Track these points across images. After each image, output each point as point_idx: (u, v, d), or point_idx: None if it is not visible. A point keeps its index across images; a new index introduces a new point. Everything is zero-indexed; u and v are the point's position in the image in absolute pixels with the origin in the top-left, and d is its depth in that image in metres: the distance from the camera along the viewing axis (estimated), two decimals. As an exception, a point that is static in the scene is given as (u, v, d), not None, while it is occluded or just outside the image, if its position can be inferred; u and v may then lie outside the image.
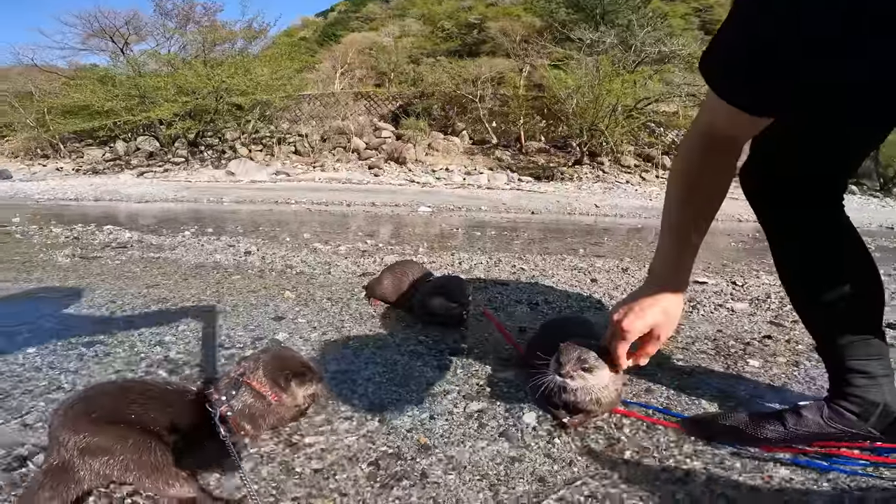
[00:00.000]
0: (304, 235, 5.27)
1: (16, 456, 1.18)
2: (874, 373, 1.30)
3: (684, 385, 1.68)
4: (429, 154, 21.00)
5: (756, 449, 1.30)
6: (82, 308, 2.42)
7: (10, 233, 4.96)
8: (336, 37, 32.12)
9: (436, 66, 22.76)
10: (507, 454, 1.25)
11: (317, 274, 3.25)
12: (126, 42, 21.55)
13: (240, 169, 17.56)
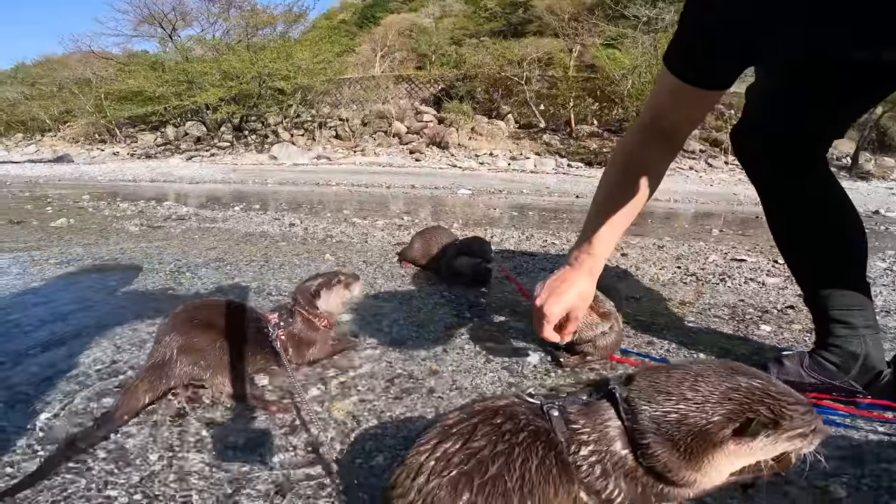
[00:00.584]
0: (344, 212, 5.63)
1: (114, 370, 1.53)
2: (855, 324, 1.41)
3: (687, 342, 1.84)
4: (472, 138, 21.07)
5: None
6: (154, 263, 2.85)
7: (83, 208, 5.63)
8: (375, 19, 32.34)
9: (479, 48, 22.60)
10: (506, 381, 1.48)
11: (354, 242, 3.58)
12: (174, 27, 22.78)
13: (282, 153, 18.30)
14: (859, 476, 1.07)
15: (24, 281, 2.45)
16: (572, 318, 1.31)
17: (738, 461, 0.78)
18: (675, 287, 2.64)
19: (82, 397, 1.33)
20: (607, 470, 0.78)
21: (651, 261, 3.29)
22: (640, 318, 2.08)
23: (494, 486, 0.70)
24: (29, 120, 25.90)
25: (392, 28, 27.23)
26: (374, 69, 24.89)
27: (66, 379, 1.43)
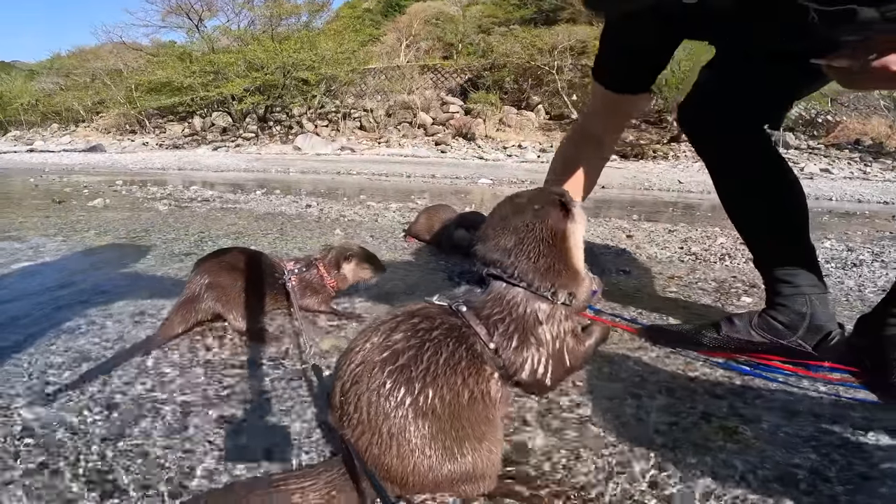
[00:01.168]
0: (360, 196, 5.92)
1: (142, 310, 1.83)
2: (799, 283, 1.51)
3: (663, 307, 2.02)
4: (500, 130, 21.09)
5: (696, 353, 1.56)
6: (180, 234, 3.21)
7: (117, 191, 6.14)
8: (400, 7, 32.22)
9: (507, 36, 22.57)
10: None
11: (365, 221, 3.87)
12: (200, 18, 23.61)
13: (306, 144, 18.77)
14: (778, 425, 1.18)
15: (69, 245, 2.83)
16: None
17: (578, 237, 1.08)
18: (671, 264, 2.82)
19: (120, 329, 1.63)
20: (523, 336, 0.97)
21: (656, 242, 3.46)
22: (623, 289, 2.27)
23: (402, 372, 0.87)
24: (64, 110, 27.16)
25: (417, 16, 27.30)
26: (399, 59, 25.08)
27: (107, 316, 1.73)
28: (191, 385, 1.29)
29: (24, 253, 2.66)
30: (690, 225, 4.44)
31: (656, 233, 3.90)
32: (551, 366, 1.00)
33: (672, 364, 1.51)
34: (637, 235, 3.71)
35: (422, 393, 0.85)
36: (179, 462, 0.98)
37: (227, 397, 1.23)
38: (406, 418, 0.84)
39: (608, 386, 1.35)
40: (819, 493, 0.94)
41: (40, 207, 4.49)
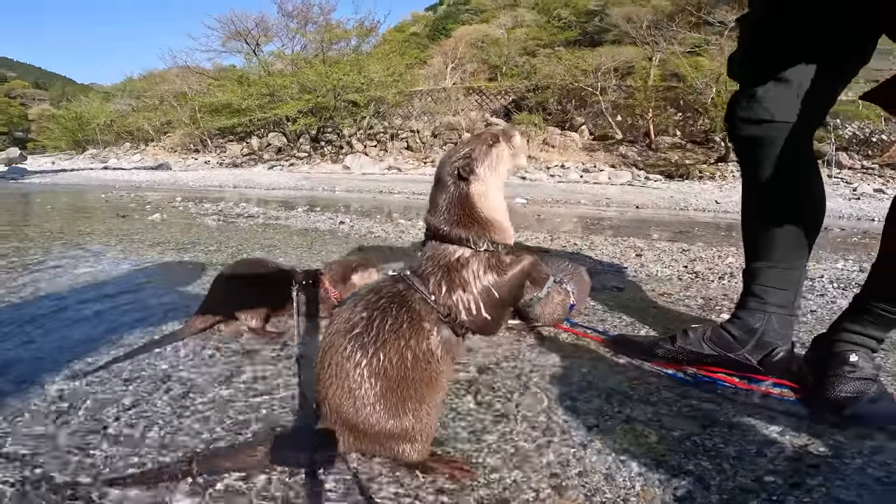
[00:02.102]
0: (394, 215, 6.25)
1: (175, 308, 2.14)
2: (767, 300, 1.55)
3: (640, 321, 2.14)
4: (543, 150, 21.21)
5: (651, 364, 1.66)
6: (220, 247, 3.57)
7: (175, 206, 6.74)
8: (446, 31, 33.29)
9: (551, 58, 22.73)
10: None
11: (391, 238, 4.14)
12: (257, 43, 25.10)
13: (355, 163, 19.46)
14: (690, 433, 1.25)
15: (125, 254, 3.23)
16: None
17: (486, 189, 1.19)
18: (668, 282, 2.93)
19: (153, 322, 1.94)
20: (450, 281, 1.13)
21: (662, 261, 3.56)
22: (610, 304, 2.41)
23: (357, 339, 1.07)
24: (135, 130, 29.27)
25: (463, 40, 27.91)
26: (445, 81, 25.73)
27: (143, 309, 2.05)
28: (204, 366, 1.56)
29: (85, 259, 3.06)
30: (708, 245, 4.47)
31: (668, 252, 3.98)
32: (482, 301, 1.14)
33: (623, 372, 1.62)
34: (647, 254, 3.81)
35: (374, 356, 1.05)
36: (188, 424, 1.24)
37: (230, 377, 1.50)
38: (361, 377, 1.04)
39: (553, 388, 1.50)
40: (692, 500, 1.02)
41: (106, 220, 5.02)
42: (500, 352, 1.75)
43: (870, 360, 1.41)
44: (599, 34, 26.46)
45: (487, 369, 1.61)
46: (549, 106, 22.21)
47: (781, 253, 1.55)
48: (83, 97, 35.99)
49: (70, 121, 33.72)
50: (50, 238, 3.81)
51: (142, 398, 1.36)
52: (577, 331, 1.97)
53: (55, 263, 2.93)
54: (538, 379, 1.55)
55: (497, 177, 1.22)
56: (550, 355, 1.73)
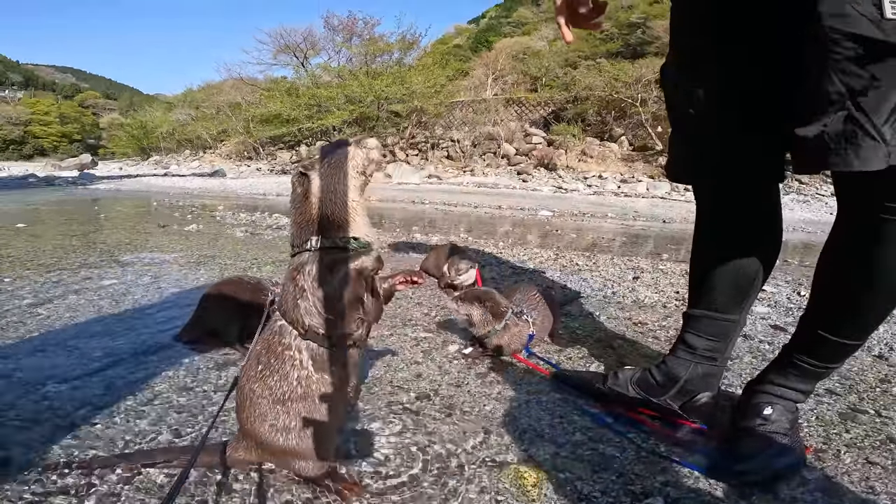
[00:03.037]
0: (413, 228, 6.40)
1: (174, 318, 2.35)
2: (698, 349, 1.53)
3: (599, 353, 2.19)
4: (582, 160, 21.00)
5: (583, 402, 1.69)
6: (237, 261, 3.79)
7: (214, 216, 7.11)
8: (488, 43, 33.47)
9: (592, 69, 22.58)
10: (413, 360, 1.99)
11: (399, 254, 4.27)
12: (305, 56, 26.11)
13: (396, 172, 19.79)
14: (578, 477, 1.28)
15: (151, 264, 3.51)
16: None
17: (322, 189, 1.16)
18: (651, 310, 2.94)
19: (155, 329, 2.14)
20: (292, 290, 1.13)
21: (657, 286, 3.55)
22: (579, 332, 2.45)
23: (249, 361, 1.19)
24: (194, 138, 30.85)
25: (504, 51, 28.03)
26: (486, 92, 25.90)
27: (146, 316, 2.26)
28: (174, 368, 1.73)
29: (112, 270, 3.34)
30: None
31: (669, 274, 3.95)
32: (323, 304, 1.12)
33: (552, 409, 1.66)
34: (645, 276, 3.80)
35: (258, 377, 1.15)
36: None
37: (193, 380, 1.66)
38: (252, 394, 1.16)
39: (476, 420, 1.57)
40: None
41: (147, 231, 5.39)
42: (445, 379, 1.85)
43: (787, 413, 1.41)
44: (642, 46, 26.09)
45: (425, 396, 1.71)
46: (588, 117, 22.04)
47: (720, 300, 1.50)
48: (148, 107, 38.42)
49: (136, 129, 36.18)
50: (90, 248, 4.14)
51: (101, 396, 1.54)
52: (529, 362, 2.04)
53: (86, 274, 3.22)
54: (468, 408, 1.64)
55: (342, 174, 1.18)
56: (492, 387, 1.81)
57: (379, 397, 1.68)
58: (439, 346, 2.17)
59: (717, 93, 1.37)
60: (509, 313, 2.03)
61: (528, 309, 2.17)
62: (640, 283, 3.60)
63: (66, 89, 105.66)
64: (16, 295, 2.70)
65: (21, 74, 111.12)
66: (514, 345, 2.05)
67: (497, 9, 46.35)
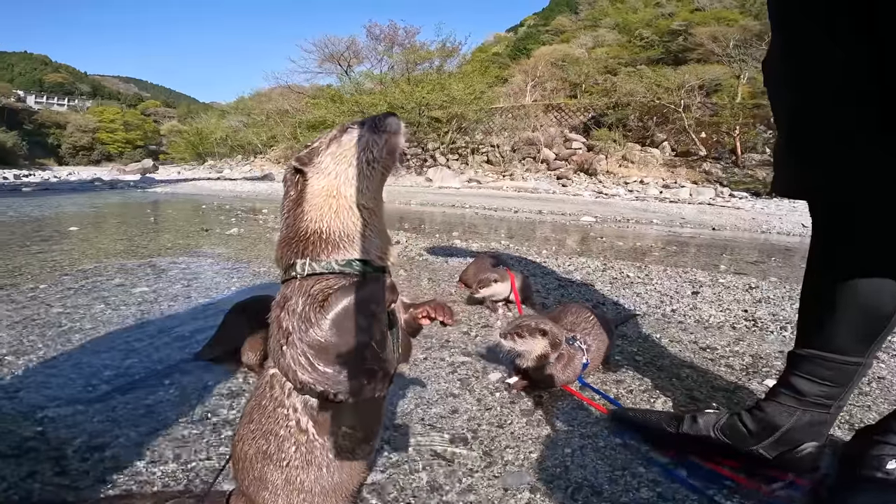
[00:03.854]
0: (453, 234, 6.10)
1: (199, 330, 2.14)
2: (806, 396, 1.22)
3: (665, 385, 1.85)
4: (622, 165, 20.40)
5: (648, 448, 1.39)
6: (271, 269, 3.60)
7: (257, 219, 7.06)
8: (527, 51, 33.20)
9: (632, 76, 22.05)
10: (449, 391, 1.70)
11: (438, 262, 4.00)
12: (349, 64, 26.39)
13: (436, 176, 19.66)
14: None
15: (187, 267, 3.36)
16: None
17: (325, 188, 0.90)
18: (719, 331, 2.56)
19: (175, 345, 1.94)
20: (276, 336, 0.85)
21: (721, 302, 3.15)
22: (638, 358, 2.11)
23: (243, 418, 0.93)
24: (246, 144, 31.70)
25: (543, 59, 27.71)
26: (525, 98, 25.61)
27: (169, 330, 2.06)
28: (184, 394, 1.50)
29: (147, 277, 3.20)
30: (782, 280, 3.94)
31: (732, 289, 3.53)
32: (316, 354, 0.81)
33: (611, 458, 1.36)
34: (705, 291, 3.40)
35: (250, 438, 0.90)
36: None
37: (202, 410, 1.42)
38: (245, 457, 0.90)
39: (519, 472, 1.28)
40: None
41: (190, 234, 5.30)
42: (486, 417, 1.55)
43: None
44: (683, 53, 25.41)
45: (461, 438, 1.42)
46: (629, 122, 21.43)
47: (841, 340, 1.18)
48: (203, 115, 39.77)
49: (192, 136, 37.59)
50: (132, 253, 4.05)
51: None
52: (583, 396, 1.71)
53: (120, 280, 3.09)
54: (511, 456, 1.34)
55: (352, 169, 0.88)
56: (540, 427, 1.50)
57: (406, 438, 1.40)
58: (479, 373, 1.87)
59: (846, 82, 1.04)
60: (564, 343, 1.71)
61: (580, 333, 1.86)
62: (700, 299, 3.19)
63: (129, 98, 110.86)
64: (46, 302, 2.57)
65: (89, 85, 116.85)
66: (566, 376, 1.73)
67: (535, 17, 45.85)
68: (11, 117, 65.30)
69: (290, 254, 0.88)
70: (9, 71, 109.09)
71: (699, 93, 20.47)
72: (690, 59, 23.87)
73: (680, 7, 30.91)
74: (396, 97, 21.34)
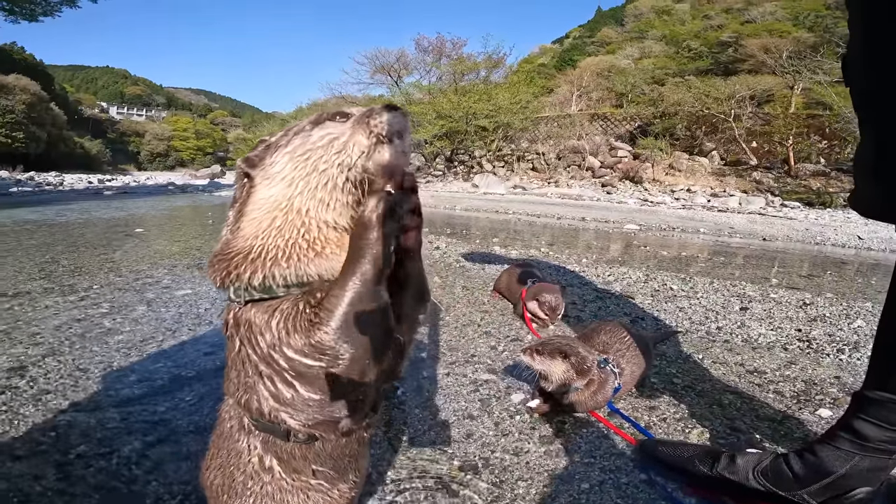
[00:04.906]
0: (493, 240, 5.93)
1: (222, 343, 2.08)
2: (870, 441, 1.04)
3: (703, 413, 1.64)
4: (669, 174, 19.63)
5: (676, 487, 1.22)
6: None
7: None
8: (573, 61, 32.55)
9: (680, 86, 21.28)
10: (468, 412, 1.55)
11: (474, 269, 3.84)
12: (399, 76, 26.70)
13: (483, 182, 19.48)
14: None
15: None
16: None
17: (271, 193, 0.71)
18: (769, 352, 2.29)
19: (204, 350, 1.89)
20: (232, 369, 0.72)
21: (772, 319, 2.85)
22: (676, 381, 1.89)
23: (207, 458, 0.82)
24: (304, 152, 32.88)
25: (589, 69, 27.17)
26: (571, 108, 25.16)
27: (202, 336, 2.02)
28: (202, 405, 1.42)
29: (192, 279, 3.21)
30: (838, 297, 3.55)
31: (784, 305, 3.20)
32: (291, 375, 0.66)
33: (634, 496, 1.19)
34: (755, 307, 3.09)
35: (220, 468, 0.78)
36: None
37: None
38: (213, 487, 0.79)
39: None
40: None
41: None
42: (501, 444, 1.39)
43: None
44: (733, 63, 24.40)
45: (472, 467, 1.27)
46: (676, 132, 20.66)
47: None
48: (266, 124, 41.18)
49: (256, 143, 38.86)
50: (184, 255, 4.12)
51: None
52: (610, 423, 1.52)
53: (168, 282, 3.12)
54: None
55: (315, 176, 0.68)
56: (558, 457, 1.34)
57: (415, 460, 1.27)
58: (501, 393, 1.71)
59: None
60: (594, 369, 1.53)
61: (614, 354, 1.67)
62: (749, 315, 2.90)
63: (199, 109, 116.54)
64: (95, 303, 2.60)
65: (164, 96, 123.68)
66: (594, 402, 1.55)
67: (580, 29, 45.09)
68: (96, 127, 69.95)
69: (223, 268, 0.69)
70: (93, 84, 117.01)
71: (750, 103, 19.49)
72: (741, 70, 22.88)
73: (730, 19, 29.72)
74: (444, 106, 21.41)
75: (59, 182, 18.17)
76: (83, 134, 57.51)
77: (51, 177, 22.12)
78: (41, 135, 39.43)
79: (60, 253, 3.99)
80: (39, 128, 39.30)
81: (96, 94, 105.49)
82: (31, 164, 33.44)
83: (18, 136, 37.11)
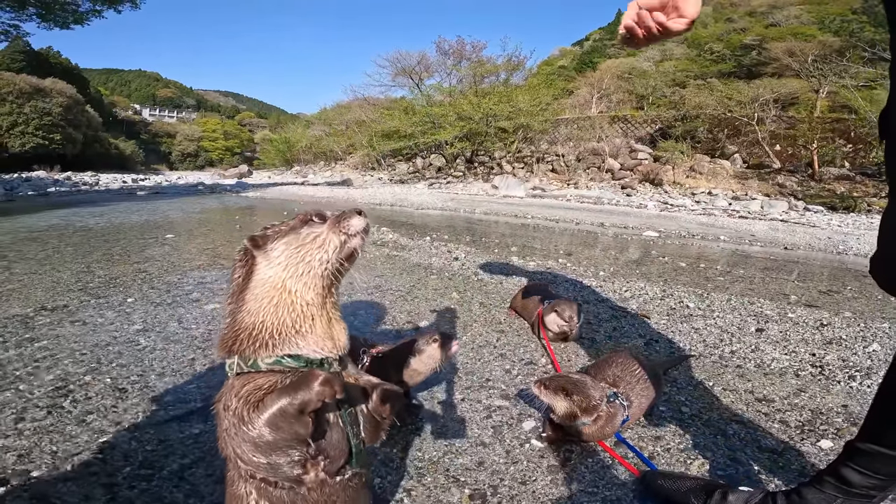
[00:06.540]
0: (512, 248, 5.97)
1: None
2: (854, 486, 1.09)
3: (706, 444, 1.67)
4: (690, 177, 19.32)
5: None
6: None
7: None
8: (593, 64, 32.34)
9: (702, 89, 20.93)
10: (480, 439, 1.62)
11: (492, 283, 3.89)
12: (420, 78, 26.87)
13: (502, 183, 19.45)
14: None
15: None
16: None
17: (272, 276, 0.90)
18: (779, 379, 2.30)
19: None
20: (231, 434, 0.85)
21: (786, 343, 2.84)
22: (684, 409, 1.93)
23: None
24: (328, 151, 33.21)
25: (609, 72, 26.96)
26: (591, 110, 24.96)
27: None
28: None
29: (221, 293, 3.33)
30: (857, 316, 3.50)
31: (800, 326, 3.18)
32: (248, 447, 0.83)
33: None
34: (771, 330, 3.07)
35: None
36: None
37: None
38: None
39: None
40: None
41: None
42: (511, 472, 1.46)
43: None
44: (757, 66, 23.90)
45: (481, 496, 1.34)
46: (697, 134, 20.33)
47: None
48: (291, 125, 42.09)
49: (281, 144, 39.88)
50: (212, 265, 4.26)
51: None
52: (616, 454, 1.58)
53: (197, 295, 3.25)
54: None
55: (303, 265, 0.87)
56: (564, 486, 1.41)
57: (426, 490, 1.34)
58: (514, 420, 1.78)
59: None
60: (602, 405, 1.57)
61: (624, 387, 1.71)
62: (765, 337, 2.90)
63: (228, 110, 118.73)
64: (130, 319, 2.73)
65: (194, 99, 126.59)
66: (602, 434, 1.60)
67: (600, 31, 44.57)
68: (130, 128, 71.89)
69: (227, 343, 0.90)
70: (127, 87, 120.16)
71: (774, 106, 19.11)
72: (764, 73, 22.47)
73: (753, 23, 29.10)
74: (465, 108, 21.49)
75: (94, 182, 18.79)
76: (117, 135, 59.20)
77: (87, 177, 22.87)
78: (77, 136, 40.71)
79: (96, 262, 4.17)
80: (76, 129, 40.59)
81: (130, 97, 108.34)
82: (67, 165, 34.62)
83: (55, 138, 38.39)
